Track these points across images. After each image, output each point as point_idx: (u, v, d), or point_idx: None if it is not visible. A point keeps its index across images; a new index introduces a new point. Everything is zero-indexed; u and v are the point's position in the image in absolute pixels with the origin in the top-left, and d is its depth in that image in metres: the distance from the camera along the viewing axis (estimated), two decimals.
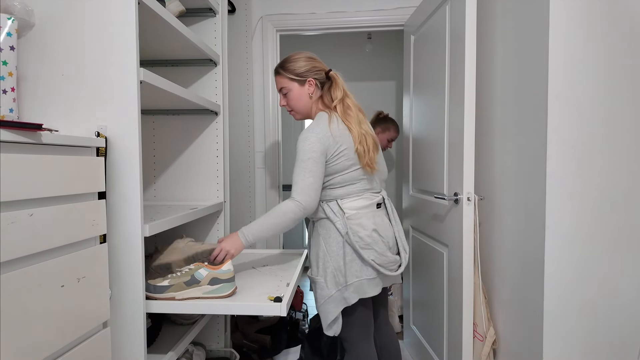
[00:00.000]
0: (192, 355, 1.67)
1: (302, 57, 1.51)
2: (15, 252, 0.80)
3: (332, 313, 1.41)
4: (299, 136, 1.43)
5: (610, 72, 1.26)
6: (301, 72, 1.49)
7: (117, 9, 1.12)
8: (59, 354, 0.91)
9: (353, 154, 1.44)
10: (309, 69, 1.49)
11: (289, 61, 1.51)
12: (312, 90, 1.50)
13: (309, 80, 1.49)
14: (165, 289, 1.25)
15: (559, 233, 1.30)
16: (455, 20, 1.64)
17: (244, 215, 2.62)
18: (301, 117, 1.57)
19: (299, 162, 1.40)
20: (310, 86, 1.50)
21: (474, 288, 1.61)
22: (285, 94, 1.53)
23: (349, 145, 1.43)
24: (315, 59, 1.53)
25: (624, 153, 1.27)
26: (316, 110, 1.53)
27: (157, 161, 1.91)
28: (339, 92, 1.50)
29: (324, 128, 1.42)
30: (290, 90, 1.51)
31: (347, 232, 1.41)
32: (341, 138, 1.42)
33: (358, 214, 1.44)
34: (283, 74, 1.51)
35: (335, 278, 1.42)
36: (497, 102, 1.64)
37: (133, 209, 1.16)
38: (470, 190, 1.57)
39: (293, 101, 1.52)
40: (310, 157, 1.38)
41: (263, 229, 1.40)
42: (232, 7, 2.43)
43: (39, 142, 0.87)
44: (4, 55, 0.96)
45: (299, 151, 1.40)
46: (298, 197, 1.38)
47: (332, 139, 1.41)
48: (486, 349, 1.60)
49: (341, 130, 1.44)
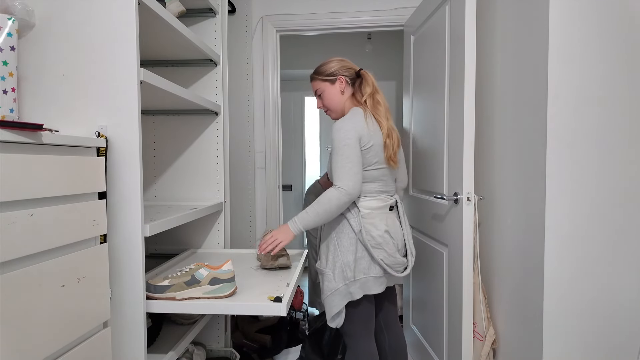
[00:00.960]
0: (192, 355, 1.67)
1: (332, 60, 1.60)
2: (15, 252, 0.80)
3: (336, 306, 1.45)
4: (333, 127, 1.47)
5: (610, 72, 1.26)
6: (331, 71, 1.57)
7: (117, 9, 1.12)
8: (59, 354, 0.92)
9: (380, 152, 1.49)
10: (338, 68, 1.57)
11: (321, 65, 1.60)
12: (342, 87, 1.57)
13: (339, 78, 1.56)
14: (165, 289, 1.25)
15: (558, 233, 1.30)
16: (455, 20, 1.64)
17: (244, 215, 2.62)
18: (336, 115, 1.61)
19: (335, 151, 1.44)
20: (340, 83, 1.57)
21: (474, 288, 1.61)
22: (320, 95, 1.60)
23: (378, 142, 1.48)
24: (344, 60, 1.61)
25: (624, 153, 1.27)
26: (349, 106, 1.58)
27: (157, 161, 1.91)
28: (369, 88, 1.56)
29: (360, 119, 1.47)
30: (324, 90, 1.58)
31: (361, 230, 1.45)
32: (374, 133, 1.48)
33: (372, 213, 1.49)
34: (316, 78, 1.60)
35: (343, 272, 1.45)
36: (497, 102, 1.64)
37: (133, 209, 1.16)
38: (470, 190, 1.57)
39: (327, 100, 1.59)
40: (346, 144, 1.42)
41: (311, 217, 1.43)
42: (232, 8, 2.43)
43: (40, 142, 0.87)
44: (5, 55, 0.96)
45: (335, 140, 1.44)
46: (340, 183, 1.41)
47: (367, 130, 1.46)
48: (486, 348, 1.60)
49: (374, 125, 1.50)
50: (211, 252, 1.87)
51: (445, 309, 1.78)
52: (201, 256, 1.81)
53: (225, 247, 1.93)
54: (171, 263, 1.68)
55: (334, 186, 1.43)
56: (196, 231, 1.92)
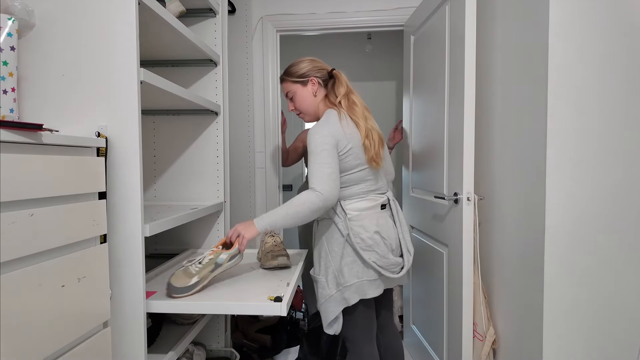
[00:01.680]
0: (192, 355, 1.67)
1: (303, 60, 1.55)
2: (15, 252, 0.80)
3: (332, 312, 1.43)
4: (309, 132, 1.43)
5: (610, 72, 1.26)
6: (302, 72, 1.52)
7: (117, 9, 1.12)
8: (59, 354, 0.91)
9: (360, 153, 1.44)
10: (309, 69, 1.52)
11: (291, 66, 1.56)
12: (315, 89, 1.53)
13: (311, 80, 1.52)
14: (196, 285, 1.31)
15: (558, 233, 1.30)
16: (455, 20, 1.64)
17: (244, 215, 2.62)
18: (310, 118, 1.58)
19: (313, 155, 1.39)
20: (313, 85, 1.52)
21: (474, 288, 1.61)
22: (291, 97, 1.56)
23: (356, 143, 1.44)
24: (316, 60, 1.56)
25: (624, 153, 1.27)
26: (323, 108, 1.54)
27: (157, 161, 1.91)
28: (342, 88, 1.52)
29: (334, 123, 1.43)
30: (295, 92, 1.54)
31: (349, 233, 1.41)
32: (351, 135, 1.43)
33: (360, 215, 1.45)
34: (287, 79, 1.55)
35: (336, 278, 1.43)
36: (497, 102, 1.64)
37: (133, 209, 1.16)
38: (470, 190, 1.57)
39: (299, 103, 1.55)
40: (324, 149, 1.37)
41: (279, 218, 1.36)
42: (232, 8, 2.43)
43: (40, 142, 0.87)
44: (5, 55, 0.96)
45: (312, 145, 1.39)
46: (317, 187, 1.35)
47: (343, 134, 1.41)
48: (486, 348, 1.60)
49: (350, 127, 1.45)
50: None
51: (445, 308, 1.78)
52: None
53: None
54: (171, 263, 1.68)
55: (310, 189, 1.36)
56: (196, 231, 1.92)
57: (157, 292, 1.33)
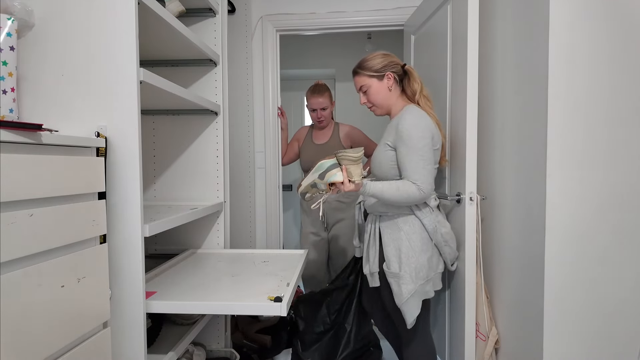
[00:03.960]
0: (192, 355, 1.67)
1: (378, 55, 1.56)
2: (15, 252, 0.80)
3: (417, 307, 1.45)
4: (403, 123, 1.43)
5: (610, 72, 1.26)
6: (379, 67, 1.53)
7: (117, 9, 1.12)
8: (59, 354, 0.91)
9: (440, 149, 1.52)
10: (386, 64, 1.53)
11: (365, 60, 1.56)
12: (390, 84, 1.54)
13: (387, 75, 1.53)
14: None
15: (559, 233, 1.30)
16: (457, 20, 1.64)
17: (244, 215, 2.62)
18: (382, 111, 1.60)
19: (414, 149, 1.41)
20: (389, 80, 1.54)
21: (477, 288, 1.61)
22: (365, 91, 1.57)
23: (440, 138, 1.51)
24: (390, 55, 1.57)
25: (624, 153, 1.27)
26: (402, 103, 1.56)
27: (157, 161, 1.90)
28: (417, 84, 1.55)
29: (427, 119, 1.47)
30: (370, 86, 1.55)
31: (434, 227, 1.48)
32: (437, 134, 1.50)
33: (436, 211, 1.54)
34: (362, 73, 1.55)
35: (418, 273, 1.44)
36: (498, 102, 1.64)
37: (133, 209, 1.16)
38: (472, 190, 1.57)
39: (373, 96, 1.56)
40: (426, 144, 1.42)
41: (382, 192, 1.42)
42: (232, 7, 2.43)
43: (39, 142, 0.87)
44: (4, 55, 0.96)
45: (413, 138, 1.41)
46: (420, 183, 1.39)
47: (436, 131, 1.48)
48: (489, 349, 1.60)
49: (433, 122, 1.50)
50: (211, 252, 1.87)
51: (447, 308, 1.77)
52: (201, 256, 1.81)
53: (225, 247, 1.93)
54: (171, 263, 1.68)
55: (412, 182, 1.40)
56: (196, 231, 1.91)
57: (157, 292, 1.33)
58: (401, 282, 1.44)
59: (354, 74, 1.58)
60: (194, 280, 1.46)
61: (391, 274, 1.46)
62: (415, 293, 1.43)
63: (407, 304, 1.43)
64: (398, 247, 1.47)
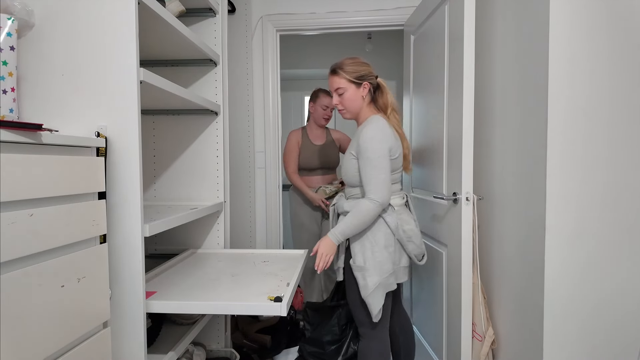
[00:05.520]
0: (192, 355, 1.67)
1: (359, 62, 1.60)
2: (15, 252, 0.80)
3: (381, 299, 1.51)
4: (363, 136, 1.50)
5: (610, 72, 1.26)
6: (360, 75, 1.58)
7: (117, 9, 1.12)
8: (59, 354, 0.91)
9: (401, 158, 1.60)
10: (366, 73, 1.59)
11: (347, 64, 1.59)
12: (365, 93, 1.60)
13: (364, 84, 1.59)
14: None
15: (559, 233, 1.30)
16: (454, 20, 1.64)
17: (244, 215, 2.62)
18: (350, 116, 1.66)
19: (369, 160, 1.48)
20: (364, 89, 1.60)
21: (473, 288, 1.61)
22: (341, 94, 1.60)
23: (399, 148, 1.58)
24: (369, 65, 1.63)
25: (624, 153, 1.27)
26: (369, 112, 1.62)
27: (157, 161, 1.91)
28: (390, 97, 1.64)
29: (387, 130, 1.53)
30: (347, 90, 1.59)
31: (397, 225, 1.53)
32: (397, 143, 1.57)
33: (400, 209, 1.59)
34: (342, 75, 1.58)
35: (382, 266, 1.51)
36: (498, 101, 1.64)
37: (133, 209, 1.16)
38: (469, 190, 1.57)
39: (348, 101, 1.60)
40: (380, 156, 1.48)
41: (347, 228, 1.51)
42: (232, 7, 2.43)
43: (39, 142, 0.87)
44: (4, 55, 0.96)
45: (368, 150, 1.48)
46: (374, 196, 1.47)
47: (394, 140, 1.54)
48: (485, 349, 1.60)
49: (395, 135, 1.57)
50: (211, 252, 1.87)
51: (444, 309, 1.78)
52: (201, 256, 1.81)
53: (225, 247, 1.93)
54: (171, 263, 1.68)
55: (368, 198, 1.48)
56: (196, 231, 1.92)
57: (157, 292, 1.33)
58: (366, 274, 1.51)
59: (333, 73, 1.60)
60: (194, 280, 1.47)
61: (357, 267, 1.54)
62: (380, 285, 1.50)
63: (372, 295, 1.50)
64: (363, 242, 1.54)
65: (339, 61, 1.62)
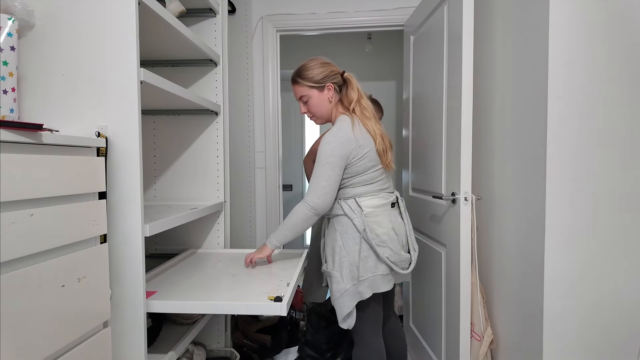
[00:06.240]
0: (192, 355, 1.68)
1: (317, 64, 1.53)
2: (15, 252, 0.80)
3: (347, 306, 1.45)
4: (322, 139, 1.46)
5: (610, 72, 1.26)
6: (319, 78, 1.51)
7: (117, 9, 1.13)
8: (59, 354, 0.92)
9: (374, 156, 1.49)
10: (326, 74, 1.52)
11: (305, 69, 1.53)
12: (331, 95, 1.54)
13: (327, 86, 1.52)
14: None
15: (558, 233, 1.30)
16: (452, 20, 1.64)
17: (244, 215, 2.62)
18: (322, 121, 1.60)
19: (318, 165, 1.45)
20: (329, 91, 1.53)
21: (472, 288, 1.61)
22: (306, 101, 1.55)
23: (370, 147, 1.48)
24: (329, 63, 1.55)
25: (624, 153, 1.28)
26: (336, 113, 1.56)
27: (157, 161, 1.91)
28: (354, 93, 1.54)
29: (347, 132, 1.45)
30: (311, 97, 1.53)
31: (365, 229, 1.45)
32: (364, 141, 1.47)
33: (375, 211, 1.49)
34: (302, 83, 1.53)
35: (350, 273, 1.45)
36: (497, 102, 1.64)
37: (133, 209, 1.16)
38: (467, 190, 1.57)
39: (314, 107, 1.55)
40: (329, 162, 1.42)
41: (283, 232, 1.51)
42: (232, 7, 2.43)
43: (40, 142, 0.87)
44: (5, 55, 0.96)
45: (320, 154, 1.44)
46: (308, 199, 1.45)
47: (355, 143, 1.45)
48: (483, 348, 1.60)
49: (363, 133, 1.48)
50: (211, 252, 1.88)
51: (443, 309, 1.78)
52: (201, 256, 1.81)
53: (225, 247, 1.93)
54: (171, 263, 1.68)
55: (303, 201, 1.46)
56: (196, 231, 1.92)
57: (157, 292, 1.34)
58: (332, 280, 1.49)
59: (294, 82, 1.56)
60: (194, 280, 1.47)
61: (327, 272, 1.52)
62: (346, 292, 1.45)
63: (336, 302, 1.47)
64: (332, 246, 1.51)
65: (297, 68, 1.56)
